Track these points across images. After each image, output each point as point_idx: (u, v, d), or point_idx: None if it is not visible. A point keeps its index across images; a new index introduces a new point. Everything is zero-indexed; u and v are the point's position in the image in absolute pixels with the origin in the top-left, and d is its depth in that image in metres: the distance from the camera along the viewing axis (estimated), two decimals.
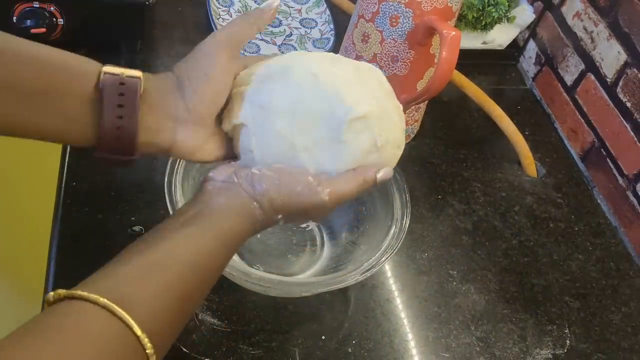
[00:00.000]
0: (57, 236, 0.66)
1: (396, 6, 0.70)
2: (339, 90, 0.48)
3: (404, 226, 0.62)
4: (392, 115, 0.51)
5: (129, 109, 0.45)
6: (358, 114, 0.48)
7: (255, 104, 0.50)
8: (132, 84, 0.45)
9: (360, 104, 0.48)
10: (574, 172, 0.89)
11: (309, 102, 0.49)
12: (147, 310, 0.38)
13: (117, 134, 0.45)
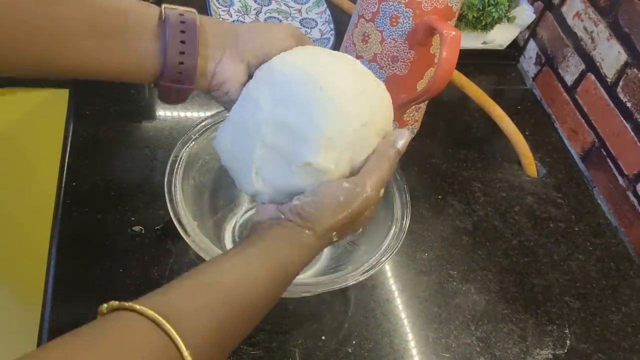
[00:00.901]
0: (57, 236, 0.66)
1: (396, 6, 0.70)
2: (321, 117, 0.48)
3: (404, 226, 0.62)
4: (368, 139, 0.50)
5: (190, 42, 0.49)
6: (316, 164, 0.48)
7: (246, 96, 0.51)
8: (190, 17, 0.49)
9: (327, 153, 0.48)
10: (574, 172, 0.89)
11: (291, 113, 0.49)
12: (190, 326, 0.38)
13: (180, 61, 0.49)
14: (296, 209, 0.48)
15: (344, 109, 0.48)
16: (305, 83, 0.49)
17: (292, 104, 0.49)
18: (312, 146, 0.48)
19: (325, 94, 0.48)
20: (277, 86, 0.50)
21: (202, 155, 0.65)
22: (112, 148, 0.76)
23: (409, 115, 0.82)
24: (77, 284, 0.63)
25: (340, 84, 0.49)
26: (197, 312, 0.40)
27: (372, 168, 0.49)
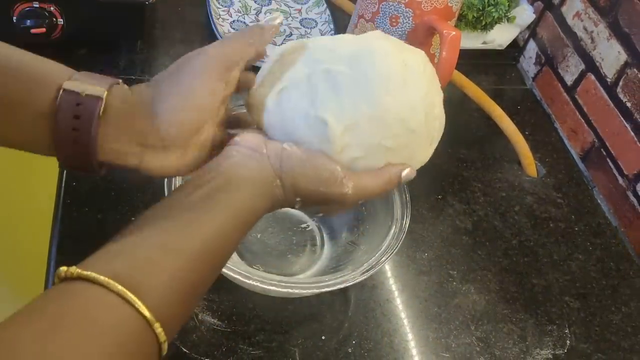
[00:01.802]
0: (57, 236, 0.66)
1: (396, 6, 0.70)
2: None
3: (404, 226, 0.62)
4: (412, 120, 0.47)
5: (84, 132, 0.42)
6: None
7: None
8: (90, 105, 0.42)
9: (345, 134, 0.45)
10: (574, 172, 0.89)
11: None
12: (159, 297, 0.36)
13: (74, 153, 0.43)
14: (282, 153, 0.45)
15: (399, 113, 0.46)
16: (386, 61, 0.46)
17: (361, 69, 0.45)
18: (340, 116, 0.45)
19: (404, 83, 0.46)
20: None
21: None
22: None
23: None
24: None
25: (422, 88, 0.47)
26: (166, 281, 0.37)
27: (369, 179, 0.47)
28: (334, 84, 0.46)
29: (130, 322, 0.35)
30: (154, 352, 0.36)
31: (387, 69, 0.46)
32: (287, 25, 0.99)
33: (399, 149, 0.47)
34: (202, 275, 0.40)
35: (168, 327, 0.36)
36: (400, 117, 0.46)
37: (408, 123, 0.47)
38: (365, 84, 0.45)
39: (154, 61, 0.90)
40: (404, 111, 0.46)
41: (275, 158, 0.45)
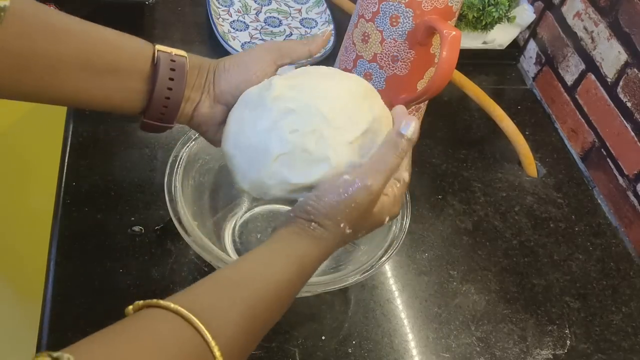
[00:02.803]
0: (57, 236, 0.66)
1: (396, 6, 0.70)
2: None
3: (404, 226, 0.62)
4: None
5: (178, 82, 0.52)
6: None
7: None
8: (181, 62, 0.53)
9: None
10: (574, 172, 0.89)
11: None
12: (218, 321, 0.39)
13: (164, 106, 0.52)
14: (301, 205, 0.49)
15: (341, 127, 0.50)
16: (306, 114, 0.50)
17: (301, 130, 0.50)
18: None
19: (325, 121, 0.49)
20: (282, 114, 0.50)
21: (202, 155, 0.65)
22: (112, 148, 0.76)
23: None
24: (77, 284, 0.63)
25: (333, 106, 0.50)
26: (221, 306, 0.41)
27: (376, 160, 0.49)
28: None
29: (190, 339, 0.38)
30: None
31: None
32: (287, 25, 0.99)
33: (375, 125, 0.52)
34: (257, 306, 0.44)
35: (227, 352, 0.39)
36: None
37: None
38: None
39: None
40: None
41: (300, 212, 0.49)
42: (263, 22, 0.98)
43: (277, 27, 0.98)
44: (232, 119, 0.54)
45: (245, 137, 0.51)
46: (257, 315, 0.43)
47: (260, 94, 0.52)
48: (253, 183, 0.52)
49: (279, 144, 0.49)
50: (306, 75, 0.53)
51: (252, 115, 0.51)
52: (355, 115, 0.50)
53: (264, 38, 0.95)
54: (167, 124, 0.54)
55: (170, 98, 0.52)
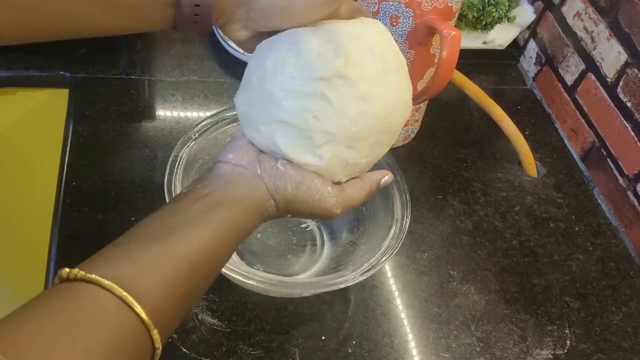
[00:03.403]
0: (57, 236, 0.66)
1: (396, 6, 0.70)
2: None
3: (404, 226, 0.62)
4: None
5: (205, 11, 0.47)
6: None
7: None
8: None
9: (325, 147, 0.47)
10: (574, 172, 0.89)
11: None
12: (157, 303, 0.37)
13: (194, 20, 0.47)
14: (276, 173, 0.47)
15: (354, 107, 0.46)
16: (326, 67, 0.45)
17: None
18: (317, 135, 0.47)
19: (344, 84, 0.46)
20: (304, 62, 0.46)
21: (202, 155, 0.65)
22: (112, 148, 0.76)
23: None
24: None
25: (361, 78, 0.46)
26: (165, 287, 0.39)
27: (354, 192, 0.51)
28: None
29: (130, 325, 0.36)
30: (147, 356, 0.37)
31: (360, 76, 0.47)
32: None
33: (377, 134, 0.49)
34: (196, 283, 0.42)
35: (163, 332, 0.37)
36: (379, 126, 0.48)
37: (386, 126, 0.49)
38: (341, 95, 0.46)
39: (154, 61, 0.90)
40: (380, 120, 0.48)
41: (268, 178, 0.47)
42: None
43: None
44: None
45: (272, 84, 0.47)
46: (195, 293, 0.42)
47: (318, 56, 0.46)
48: (246, 108, 0.49)
49: (294, 114, 0.46)
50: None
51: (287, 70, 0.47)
52: (375, 146, 0.49)
53: None
54: (203, 30, 0.49)
55: (197, 14, 0.47)
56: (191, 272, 0.41)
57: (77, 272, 0.36)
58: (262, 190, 0.47)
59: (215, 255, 0.43)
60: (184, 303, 0.41)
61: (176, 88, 0.86)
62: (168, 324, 0.39)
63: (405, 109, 0.51)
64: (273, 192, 0.47)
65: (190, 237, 0.42)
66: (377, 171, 0.52)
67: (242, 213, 0.46)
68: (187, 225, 0.42)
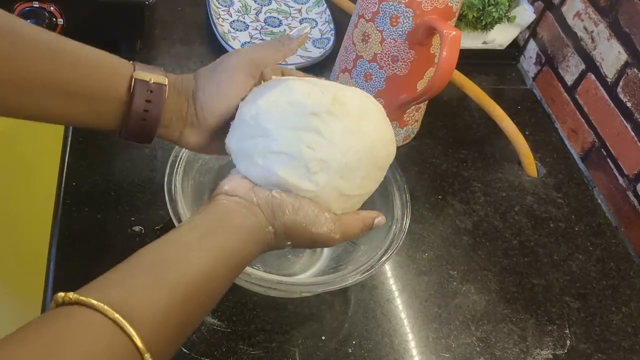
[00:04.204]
0: (57, 236, 0.66)
1: (396, 6, 0.70)
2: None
3: (404, 226, 0.62)
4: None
5: (154, 111, 0.50)
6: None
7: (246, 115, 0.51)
8: (158, 91, 0.50)
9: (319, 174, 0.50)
10: (574, 172, 0.89)
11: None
12: (152, 328, 0.38)
13: (140, 127, 0.51)
14: (272, 202, 0.48)
15: (345, 139, 0.50)
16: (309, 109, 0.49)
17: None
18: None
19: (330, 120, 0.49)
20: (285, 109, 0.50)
21: (202, 155, 0.65)
22: (112, 148, 0.76)
23: (409, 115, 0.82)
24: (77, 284, 0.63)
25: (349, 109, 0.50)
26: (160, 314, 0.39)
27: (351, 222, 0.52)
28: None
29: (123, 349, 0.36)
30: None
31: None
32: (287, 25, 0.99)
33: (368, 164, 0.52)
34: (192, 311, 0.42)
35: (157, 358, 0.37)
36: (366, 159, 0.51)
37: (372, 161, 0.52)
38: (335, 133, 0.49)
39: (154, 61, 0.90)
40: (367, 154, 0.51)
41: (265, 205, 0.48)
42: (263, 22, 0.99)
43: (277, 27, 0.98)
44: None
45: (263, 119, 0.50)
46: (191, 321, 0.42)
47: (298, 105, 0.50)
48: (240, 145, 0.51)
49: (289, 145, 0.49)
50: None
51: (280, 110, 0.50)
52: (366, 178, 0.52)
53: (264, 38, 0.95)
54: (145, 142, 0.53)
55: (145, 124, 0.51)
56: (185, 299, 0.41)
57: (72, 295, 0.37)
58: (260, 218, 0.48)
59: (211, 283, 0.43)
60: (178, 330, 0.41)
61: None
62: (161, 351, 0.39)
63: (390, 145, 0.54)
64: (271, 219, 0.48)
65: (185, 265, 0.42)
66: (371, 211, 0.55)
67: (238, 241, 0.46)
68: (182, 253, 0.43)
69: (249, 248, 0.47)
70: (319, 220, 0.49)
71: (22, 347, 0.33)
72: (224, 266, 0.44)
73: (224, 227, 0.46)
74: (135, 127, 0.51)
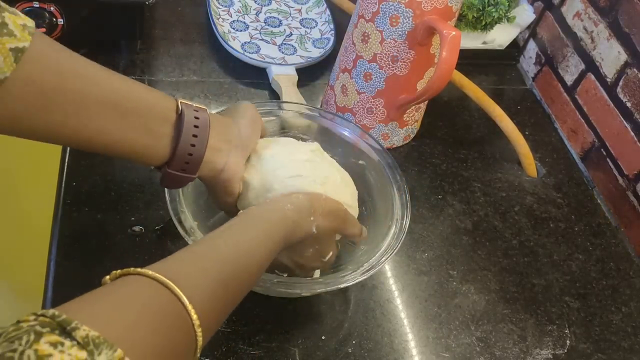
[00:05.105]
0: (57, 236, 0.66)
1: (396, 6, 0.70)
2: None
3: (404, 226, 0.62)
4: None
5: (202, 135, 0.53)
6: None
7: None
8: (203, 114, 0.54)
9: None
10: (574, 172, 0.89)
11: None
12: (193, 286, 0.42)
13: (189, 154, 0.53)
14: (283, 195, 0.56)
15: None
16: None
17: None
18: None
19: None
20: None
21: None
22: None
23: (409, 115, 0.82)
24: (77, 284, 0.63)
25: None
26: (195, 274, 0.44)
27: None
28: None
29: (169, 303, 0.40)
30: (191, 345, 0.41)
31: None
32: (287, 25, 0.99)
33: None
34: (230, 277, 0.46)
35: (203, 317, 0.41)
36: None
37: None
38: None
39: (154, 61, 0.90)
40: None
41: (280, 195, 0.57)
42: (263, 22, 0.99)
43: (277, 27, 0.98)
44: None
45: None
46: (228, 285, 0.46)
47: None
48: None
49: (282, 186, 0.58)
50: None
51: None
52: (353, 197, 0.63)
53: (264, 38, 0.95)
54: (190, 174, 0.54)
55: (196, 145, 0.53)
56: (221, 265, 0.46)
57: (116, 272, 0.42)
58: (277, 199, 0.56)
59: (243, 254, 0.48)
60: (221, 293, 0.45)
61: (176, 88, 0.86)
62: (206, 307, 0.42)
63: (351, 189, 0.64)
64: (288, 197, 0.55)
65: (216, 242, 0.49)
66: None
67: (263, 219, 0.53)
68: (213, 236, 0.50)
69: (274, 221, 0.53)
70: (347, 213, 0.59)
71: (85, 297, 0.37)
72: (250, 238, 0.50)
73: (245, 215, 0.54)
74: (186, 149, 0.52)
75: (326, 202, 0.57)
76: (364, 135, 0.71)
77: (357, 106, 0.80)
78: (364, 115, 0.81)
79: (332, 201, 0.57)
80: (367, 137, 0.70)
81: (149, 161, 0.53)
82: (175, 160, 0.53)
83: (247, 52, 0.92)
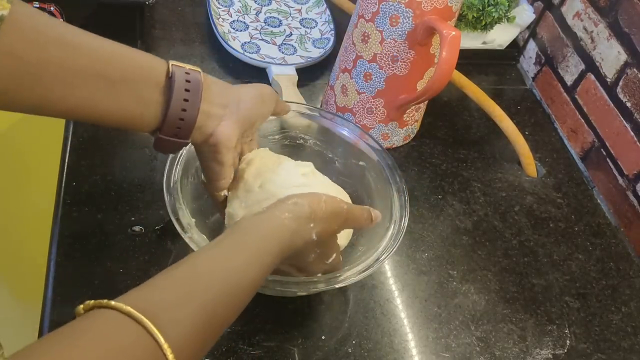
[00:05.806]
0: (57, 236, 0.66)
1: (396, 6, 0.70)
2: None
3: (402, 227, 0.62)
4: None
5: (193, 99, 0.51)
6: None
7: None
8: (195, 76, 0.52)
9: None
10: (574, 172, 0.89)
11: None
12: (169, 317, 0.38)
13: (180, 119, 0.52)
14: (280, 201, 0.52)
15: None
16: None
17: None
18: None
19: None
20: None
21: None
22: (112, 148, 0.76)
23: (408, 115, 0.82)
24: (77, 284, 0.63)
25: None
26: (175, 303, 0.40)
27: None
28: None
29: (144, 344, 0.37)
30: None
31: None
32: (287, 25, 0.99)
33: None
34: (214, 302, 0.42)
35: (182, 352, 0.38)
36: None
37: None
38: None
39: None
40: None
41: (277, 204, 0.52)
42: (263, 22, 0.99)
43: (277, 27, 0.98)
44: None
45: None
46: (212, 313, 0.42)
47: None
48: (249, 209, 0.60)
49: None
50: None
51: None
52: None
53: (264, 38, 0.95)
54: (182, 139, 0.53)
55: (187, 110, 0.51)
56: (205, 290, 0.42)
57: (93, 302, 0.38)
58: (272, 209, 0.51)
59: (228, 274, 0.44)
60: (203, 323, 0.41)
61: None
62: (186, 342, 0.39)
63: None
64: (284, 204, 0.51)
65: (198, 261, 0.44)
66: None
67: (254, 235, 0.48)
68: (199, 255, 0.45)
69: (268, 237, 0.48)
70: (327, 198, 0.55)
71: (51, 337, 0.35)
72: (239, 260, 0.46)
73: (237, 228, 0.49)
74: (177, 114, 0.51)
75: (327, 204, 0.53)
76: (364, 136, 0.71)
77: (357, 106, 0.80)
78: (364, 115, 0.81)
79: (332, 201, 0.54)
80: (367, 137, 0.70)
81: (140, 128, 0.52)
82: (166, 126, 0.52)
83: (247, 52, 0.92)
